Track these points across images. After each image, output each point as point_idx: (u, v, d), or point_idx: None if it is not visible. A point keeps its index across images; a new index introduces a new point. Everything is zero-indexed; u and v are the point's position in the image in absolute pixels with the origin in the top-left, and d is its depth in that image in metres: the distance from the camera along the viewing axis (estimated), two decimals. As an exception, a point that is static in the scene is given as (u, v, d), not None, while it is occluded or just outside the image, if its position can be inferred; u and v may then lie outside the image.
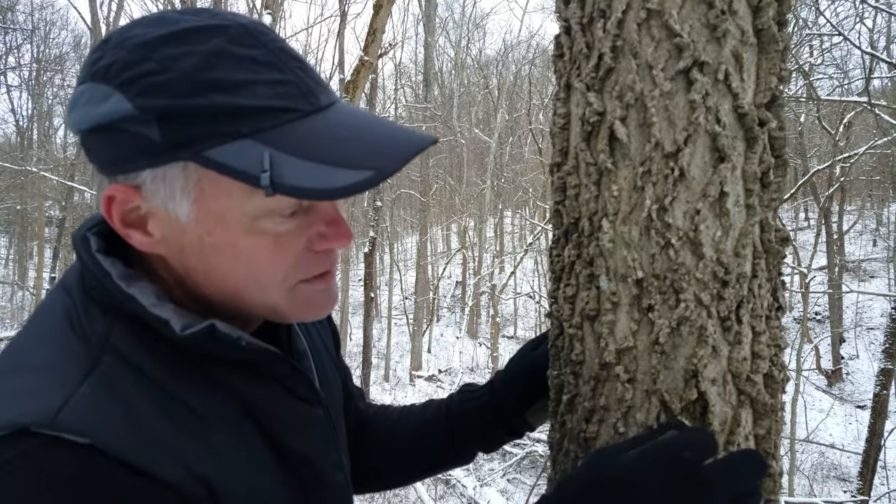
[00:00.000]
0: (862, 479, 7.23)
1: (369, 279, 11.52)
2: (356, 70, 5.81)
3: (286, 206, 0.63)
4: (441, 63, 25.79)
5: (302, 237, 0.66)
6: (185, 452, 0.60)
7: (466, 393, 1.01)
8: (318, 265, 0.69)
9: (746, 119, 0.72)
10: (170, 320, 0.63)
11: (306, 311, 0.71)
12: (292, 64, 0.64)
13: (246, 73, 0.60)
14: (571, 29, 0.79)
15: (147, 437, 0.58)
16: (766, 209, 0.74)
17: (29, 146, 23.30)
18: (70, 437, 0.54)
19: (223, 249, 0.64)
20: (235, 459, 0.65)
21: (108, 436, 0.55)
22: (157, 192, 0.62)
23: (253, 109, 0.59)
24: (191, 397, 0.63)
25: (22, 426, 0.54)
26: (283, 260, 0.66)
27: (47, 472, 0.53)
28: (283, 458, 0.71)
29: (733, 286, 0.71)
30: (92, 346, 0.62)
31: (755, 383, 0.72)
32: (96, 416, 0.56)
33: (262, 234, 0.64)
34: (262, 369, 0.71)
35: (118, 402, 0.59)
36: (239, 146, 0.59)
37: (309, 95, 0.64)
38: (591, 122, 0.75)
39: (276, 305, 0.68)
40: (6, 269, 24.68)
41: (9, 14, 19.22)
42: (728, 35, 0.71)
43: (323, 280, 0.70)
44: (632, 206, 0.73)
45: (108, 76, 0.60)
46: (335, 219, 0.68)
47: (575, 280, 0.79)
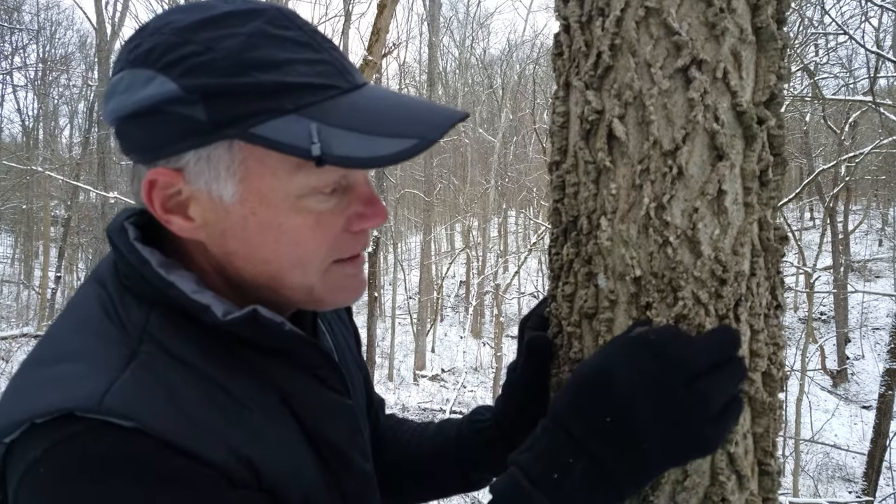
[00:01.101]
0: (867, 479, 7.21)
1: (373, 279, 11.54)
2: (360, 69, 5.81)
3: (327, 184, 0.65)
4: (445, 62, 25.80)
5: (342, 216, 0.68)
6: (228, 434, 0.61)
7: (476, 413, 1.00)
8: (354, 245, 0.71)
9: (745, 117, 0.71)
10: (210, 305, 0.64)
11: (339, 295, 0.72)
12: (326, 45, 0.66)
13: (286, 52, 0.62)
14: (570, 27, 0.79)
15: (191, 420, 0.59)
16: (765, 207, 0.74)
17: (34, 146, 23.39)
18: (116, 420, 0.55)
19: (268, 230, 0.65)
20: (277, 443, 0.66)
21: (152, 419, 0.56)
22: (201, 173, 0.63)
23: (296, 86, 0.61)
24: (229, 383, 0.64)
25: (66, 411, 0.54)
26: (324, 239, 0.67)
27: (94, 454, 0.54)
28: (315, 444, 0.72)
29: (731, 284, 0.71)
30: (130, 335, 0.63)
31: (753, 381, 0.72)
32: (140, 400, 0.57)
33: (307, 212, 0.65)
34: (296, 358, 0.72)
35: (161, 387, 0.59)
36: (284, 122, 0.60)
37: (345, 73, 0.66)
38: (590, 120, 0.75)
39: (313, 287, 0.69)
40: (12, 269, 24.77)
41: (15, 14, 19.30)
42: (727, 33, 0.70)
43: (353, 264, 0.72)
44: (630, 205, 0.73)
45: (149, 60, 0.61)
46: (371, 198, 0.70)
47: (573, 278, 0.79)
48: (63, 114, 25.95)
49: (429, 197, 18.37)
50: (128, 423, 0.55)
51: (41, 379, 0.60)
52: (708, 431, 0.64)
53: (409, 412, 14.26)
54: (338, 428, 0.76)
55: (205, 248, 0.69)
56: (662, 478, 0.70)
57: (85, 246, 19.65)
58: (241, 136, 0.61)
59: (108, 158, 15.85)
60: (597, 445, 0.64)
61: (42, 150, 22.48)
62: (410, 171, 24.63)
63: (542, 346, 0.83)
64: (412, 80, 27.12)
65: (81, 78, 22.77)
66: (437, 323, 20.60)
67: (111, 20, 16.81)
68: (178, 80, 0.60)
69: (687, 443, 0.64)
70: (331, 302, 0.73)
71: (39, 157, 20.03)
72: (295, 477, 0.67)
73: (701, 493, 0.70)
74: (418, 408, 14.67)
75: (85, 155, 18.95)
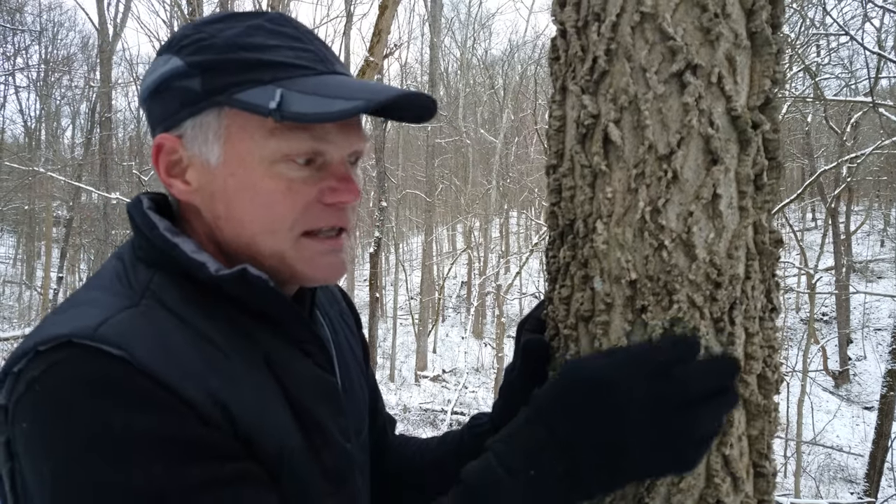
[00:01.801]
0: (869, 480, 7.20)
1: (374, 279, 11.55)
2: (361, 70, 5.83)
3: (298, 152, 0.72)
4: (447, 63, 25.80)
5: (314, 188, 0.74)
6: (208, 378, 0.66)
7: (474, 420, 1.01)
8: (326, 218, 0.75)
9: (740, 121, 0.72)
10: (206, 263, 0.72)
11: (312, 268, 0.77)
12: (316, 42, 0.77)
13: (275, 40, 0.73)
14: (567, 32, 0.80)
15: (174, 360, 0.64)
16: (760, 211, 0.74)
17: (37, 147, 23.44)
18: (107, 347, 0.61)
19: (244, 191, 0.73)
20: (254, 395, 0.70)
21: (140, 352, 0.62)
22: (195, 139, 0.74)
23: (276, 63, 0.72)
24: (217, 336, 0.70)
25: (65, 338, 0.61)
26: (294, 205, 0.73)
27: (83, 376, 0.60)
28: (296, 411, 0.75)
29: (726, 287, 0.71)
30: (134, 291, 0.71)
31: (748, 384, 0.72)
32: (131, 335, 0.63)
33: (279, 177, 0.72)
34: (284, 328, 0.77)
35: (151, 329, 0.66)
36: (262, 90, 0.70)
37: (325, 62, 0.75)
38: (586, 124, 0.76)
39: (284, 254, 0.75)
40: (14, 269, 24.82)
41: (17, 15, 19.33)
42: (721, 38, 0.71)
43: (330, 241, 0.77)
44: (626, 208, 0.73)
45: (171, 46, 0.76)
46: (345, 176, 0.76)
47: (570, 281, 0.79)
48: (65, 115, 26.00)
49: (430, 197, 18.38)
50: (117, 352, 0.61)
51: (49, 321, 0.68)
52: (690, 453, 0.67)
53: (411, 412, 14.27)
54: (318, 401, 0.79)
55: (200, 215, 0.77)
56: (658, 480, 0.70)
57: (87, 246, 19.68)
58: (226, 103, 0.71)
59: (110, 159, 15.88)
60: (581, 450, 0.66)
61: (44, 151, 22.51)
62: (412, 172, 24.65)
63: (538, 348, 0.83)
64: (414, 81, 27.14)
65: (84, 79, 22.81)
66: (438, 323, 20.60)
67: (113, 21, 16.85)
68: (184, 58, 0.73)
69: (668, 461, 0.67)
70: (308, 276, 0.77)
71: (42, 158, 20.06)
72: (270, 430, 0.70)
73: (696, 495, 0.71)
74: (420, 408, 14.68)
75: (87, 156, 18.99)
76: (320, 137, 0.73)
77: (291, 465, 0.72)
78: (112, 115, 17.84)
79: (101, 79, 16.91)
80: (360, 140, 0.78)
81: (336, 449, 0.80)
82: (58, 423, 0.59)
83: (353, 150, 0.78)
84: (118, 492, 0.58)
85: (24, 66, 21.85)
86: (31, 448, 0.60)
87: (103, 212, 15.26)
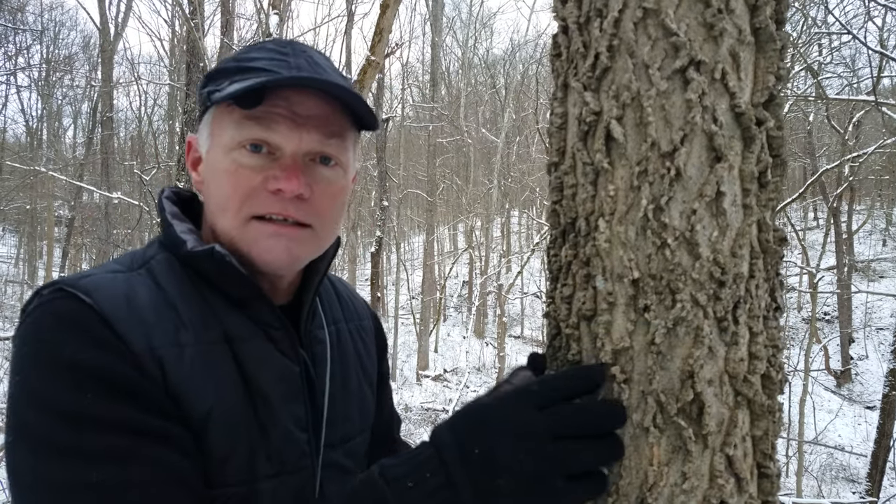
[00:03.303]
0: (870, 480, 7.19)
1: (376, 279, 11.55)
2: (363, 70, 5.82)
3: (244, 139, 0.81)
4: (448, 62, 25.79)
5: (260, 174, 0.82)
6: (153, 336, 0.75)
7: None
8: (269, 205, 0.82)
9: (744, 118, 0.71)
10: (186, 241, 0.82)
11: (256, 250, 0.83)
12: (301, 57, 0.84)
13: (262, 54, 0.84)
14: (569, 28, 0.79)
15: (132, 315, 0.75)
16: (764, 209, 0.74)
17: (38, 146, 23.46)
18: (81, 294, 0.74)
19: (213, 175, 0.84)
20: (194, 360, 0.77)
21: (105, 303, 0.74)
22: (201, 135, 0.87)
23: (246, 69, 0.82)
24: (182, 306, 0.79)
25: (57, 285, 0.76)
26: (240, 187, 0.81)
27: (55, 312, 0.73)
28: (249, 388, 0.80)
29: (730, 286, 0.70)
30: (135, 263, 0.83)
31: (752, 384, 0.72)
32: (104, 289, 0.76)
33: (231, 162, 0.82)
34: (251, 311, 0.83)
35: (124, 288, 0.77)
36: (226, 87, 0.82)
37: (295, 69, 0.82)
38: (588, 121, 0.75)
39: (232, 234, 0.83)
40: (16, 269, 24.83)
41: (18, 15, 19.34)
42: (725, 34, 0.70)
43: (273, 224, 0.82)
44: (628, 206, 0.72)
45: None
46: (290, 168, 0.82)
47: (572, 280, 0.78)
48: (67, 114, 26.02)
49: (432, 197, 18.38)
50: (87, 299, 0.74)
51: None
52: (559, 485, 0.65)
53: (412, 412, 14.27)
54: (272, 383, 0.83)
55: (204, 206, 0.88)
56: (661, 480, 0.70)
57: (88, 246, 19.69)
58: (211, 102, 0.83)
59: (112, 159, 15.89)
60: (457, 471, 0.66)
61: (46, 151, 22.53)
62: (413, 171, 24.65)
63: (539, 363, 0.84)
64: (415, 80, 27.15)
65: (85, 78, 22.82)
66: (440, 323, 20.60)
67: (114, 21, 16.86)
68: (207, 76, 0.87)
69: (537, 491, 0.65)
70: (251, 257, 0.83)
71: (43, 158, 20.08)
72: (202, 393, 0.76)
73: (699, 496, 0.70)
74: (421, 408, 14.68)
75: (88, 155, 19.00)
76: (267, 128, 0.81)
77: (226, 430, 0.77)
78: (113, 114, 17.86)
79: (102, 78, 16.93)
80: (316, 141, 0.83)
81: (282, 431, 0.82)
82: (27, 344, 0.72)
83: (309, 150, 0.83)
84: (49, 404, 0.69)
85: (25, 66, 21.86)
86: (11, 364, 0.73)
87: (105, 211, 15.28)
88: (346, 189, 0.89)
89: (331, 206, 0.87)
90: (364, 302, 1.12)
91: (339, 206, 0.89)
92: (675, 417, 0.70)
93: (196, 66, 7.67)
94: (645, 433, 0.71)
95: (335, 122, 0.85)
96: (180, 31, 13.97)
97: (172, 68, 16.41)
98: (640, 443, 0.71)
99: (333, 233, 0.91)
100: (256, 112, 0.81)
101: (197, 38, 7.39)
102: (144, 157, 17.87)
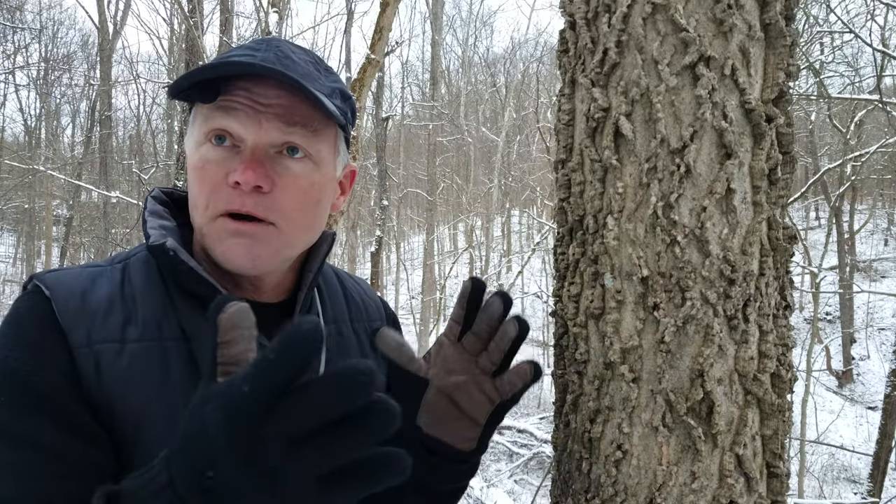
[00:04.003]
0: (872, 480, 7.18)
1: (376, 278, 11.54)
2: (363, 68, 5.80)
3: (206, 131, 0.81)
4: (448, 61, 25.77)
5: (223, 169, 0.80)
6: (97, 330, 0.76)
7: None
8: (230, 199, 0.80)
9: (754, 115, 0.70)
10: (151, 235, 0.82)
11: (220, 247, 0.81)
12: (272, 51, 0.82)
13: (238, 50, 0.83)
14: (576, 24, 0.78)
15: (82, 309, 0.76)
16: (774, 206, 0.73)
17: (37, 145, 23.44)
18: (44, 288, 0.77)
19: (189, 170, 0.84)
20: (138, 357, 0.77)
21: (59, 297, 0.76)
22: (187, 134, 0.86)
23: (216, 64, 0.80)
24: (141, 303, 0.80)
25: (34, 280, 0.78)
26: (206, 182, 0.80)
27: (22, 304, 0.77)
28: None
29: (740, 284, 0.70)
30: (116, 260, 0.85)
31: (762, 383, 0.71)
32: (65, 283, 0.78)
33: (199, 157, 0.81)
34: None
35: (85, 283, 0.79)
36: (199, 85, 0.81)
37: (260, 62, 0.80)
38: (596, 117, 0.74)
39: (203, 230, 0.82)
40: (14, 268, 24.82)
41: (17, 13, 19.33)
42: (735, 30, 0.69)
43: (234, 222, 0.80)
44: (637, 203, 0.72)
45: None
46: (249, 160, 0.80)
47: (579, 278, 0.78)
48: (65, 113, 26.00)
49: (431, 196, 18.38)
50: (47, 293, 0.76)
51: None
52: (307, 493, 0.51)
53: (412, 412, 14.22)
54: None
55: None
56: (670, 480, 0.69)
57: (87, 245, 19.66)
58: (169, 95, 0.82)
59: (110, 158, 15.88)
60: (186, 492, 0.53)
61: (44, 150, 22.51)
62: (413, 171, 24.64)
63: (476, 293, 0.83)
64: (415, 79, 27.13)
65: (83, 77, 22.80)
66: (439, 323, 20.58)
67: (113, 19, 16.86)
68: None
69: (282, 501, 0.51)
70: (217, 255, 0.82)
71: (41, 157, 20.06)
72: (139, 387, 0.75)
73: (709, 496, 0.69)
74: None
75: (87, 154, 18.99)
76: (226, 114, 0.80)
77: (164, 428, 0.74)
78: (112, 113, 17.85)
79: (101, 77, 16.92)
80: (277, 129, 0.80)
81: None
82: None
83: (271, 141, 0.80)
84: None
85: (24, 65, 21.84)
86: None
87: (103, 210, 15.27)
88: (318, 185, 0.84)
89: (297, 201, 0.81)
90: (380, 304, 1.08)
91: (310, 201, 0.84)
92: (685, 416, 0.69)
93: (195, 65, 7.66)
94: (654, 432, 0.70)
95: (300, 111, 0.81)
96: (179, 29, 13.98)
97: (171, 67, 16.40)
98: (649, 442, 0.70)
99: (305, 231, 0.85)
100: (219, 102, 0.80)
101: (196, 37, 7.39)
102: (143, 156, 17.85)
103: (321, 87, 0.83)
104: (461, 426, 0.83)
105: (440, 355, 0.85)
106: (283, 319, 0.89)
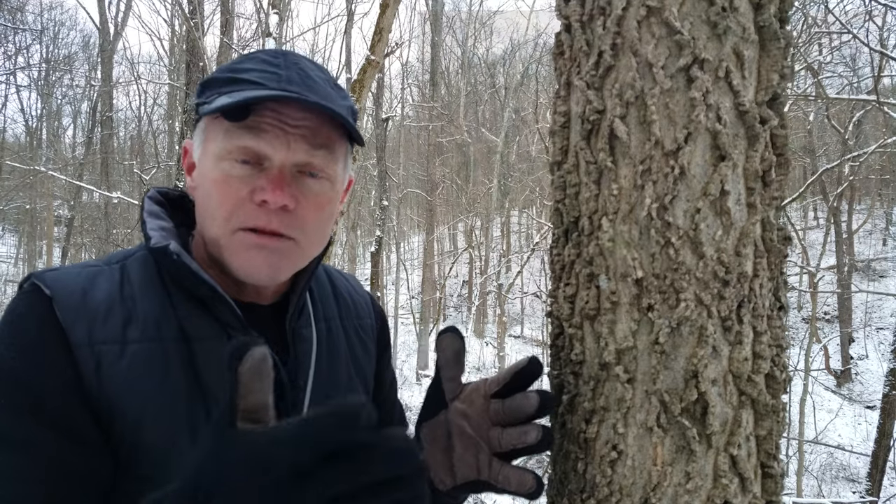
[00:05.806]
0: (871, 479, 7.19)
1: (376, 278, 11.54)
2: (363, 69, 5.81)
3: (232, 150, 0.81)
4: (448, 62, 25.75)
5: (248, 185, 0.82)
6: (98, 330, 0.76)
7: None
8: (256, 216, 0.82)
9: (747, 117, 0.71)
10: (153, 237, 0.83)
11: (238, 260, 0.83)
12: (293, 69, 0.84)
13: (254, 65, 0.84)
14: (571, 26, 0.79)
15: (83, 308, 0.77)
16: (768, 208, 0.73)
17: (38, 146, 23.45)
18: (44, 287, 0.77)
19: (202, 181, 0.84)
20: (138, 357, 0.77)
21: (60, 295, 0.76)
22: (195, 142, 0.88)
23: (238, 80, 0.82)
24: (141, 303, 0.80)
25: (31, 278, 0.79)
26: (228, 197, 0.81)
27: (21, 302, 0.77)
28: (200, 390, 0.79)
29: (734, 285, 0.70)
30: (114, 259, 0.85)
31: (756, 384, 0.71)
32: (65, 281, 0.78)
33: (220, 172, 0.82)
34: (212, 310, 0.83)
35: (85, 282, 0.79)
36: (217, 98, 0.82)
37: (284, 83, 0.82)
38: (591, 120, 0.75)
39: (219, 242, 0.83)
40: (16, 269, 24.81)
41: (18, 14, 19.32)
42: (729, 32, 0.70)
43: (257, 237, 0.82)
44: (632, 205, 0.72)
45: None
46: (277, 180, 0.82)
47: (575, 279, 0.78)
48: (66, 114, 26.03)
49: (431, 196, 18.38)
50: (47, 291, 0.76)
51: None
52: None
53: (412, 411, 14.26)
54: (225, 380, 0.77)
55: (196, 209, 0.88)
56: (665, 480, 0.69)
57: (88, 246, 19.66)
58: (204, 111, 0.83)
59: (111, 158, 15.89)
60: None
61: (45, 150, 22.52)
62: (413, 171, 24.64)
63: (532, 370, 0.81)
64: (415, 80, 27.13)
65: (85, 78, 22.80)
66: (439, 322, 20.58)
67: (114, 20, 16.86)
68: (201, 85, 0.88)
69: None
70: (234, 267, 0.83)
71: (43, 157, 20.08)
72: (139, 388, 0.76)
73: (703, 496, 0.70)
74: (420, 407, 14.67)
75: (88, 155, 18.99)
76: (255, 136, 0.80)
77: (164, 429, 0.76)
78: (113, 114, 17.86)
79: (102, 78, 16.92)
80: (304, 151, 0.82)
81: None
82: None
83: (297, 161, 0.82)
84: None
85: (25, 66, 21.84)
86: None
87: (104, 211, 15.28)
88: (332, 201, 0.89)
89: (315, 219, 0.86)
90: (369, 300, 1.10)
91: (325, 218, 0.88)
92: (679, 417, 0.70)
93: (196, 66, 7.68)
94: (649, 433, 0.70)
95: (323, 133, 0.84)
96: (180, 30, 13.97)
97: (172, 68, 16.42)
98: (643, 443, 0.71)
99: (318, 245, 0.90)
100: (247, 122, 0.81)
101: (196, 38, 7.39)
102: (144, 157, 17.88)
103: (340, 109, 0.84)
104: (444, 465, 0.83)
105: (469, 397, 0.84)
106: (276, 320, 0.91)
